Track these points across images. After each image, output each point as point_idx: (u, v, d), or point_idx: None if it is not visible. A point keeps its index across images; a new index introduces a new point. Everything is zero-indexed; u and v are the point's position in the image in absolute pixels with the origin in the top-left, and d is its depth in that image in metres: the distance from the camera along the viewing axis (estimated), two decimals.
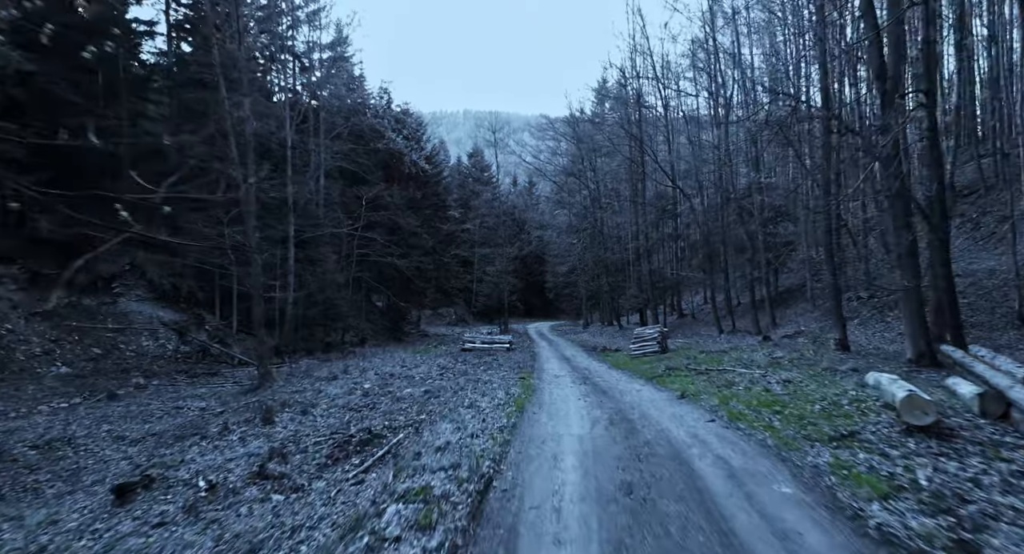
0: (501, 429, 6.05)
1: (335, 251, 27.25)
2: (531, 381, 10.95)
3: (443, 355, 18.99)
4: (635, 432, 5.83)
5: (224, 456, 7.71)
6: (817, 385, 8.49)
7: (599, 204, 29.64)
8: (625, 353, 19.53)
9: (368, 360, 17.67)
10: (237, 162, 14.07)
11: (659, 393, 8.90)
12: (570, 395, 8.90)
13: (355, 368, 14.33)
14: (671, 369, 12.03)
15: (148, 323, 22.61)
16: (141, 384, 17.83)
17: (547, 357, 18.81)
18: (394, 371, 13.28)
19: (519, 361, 16.60)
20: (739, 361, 12.65)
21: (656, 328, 18.59)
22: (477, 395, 9.13)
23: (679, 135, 26.63)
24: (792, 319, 20.97)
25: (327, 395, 10.70)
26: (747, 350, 15.24)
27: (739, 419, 6.23)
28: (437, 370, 13.34)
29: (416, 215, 32.53)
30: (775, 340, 17.30)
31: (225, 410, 11.11)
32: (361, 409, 9.22)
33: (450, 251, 37.58)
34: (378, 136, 30.23)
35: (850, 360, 12.14)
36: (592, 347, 23.43)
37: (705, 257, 21.79)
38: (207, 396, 13.82)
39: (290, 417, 9.09)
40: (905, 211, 10.90)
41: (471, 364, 15.09)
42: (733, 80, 18.96)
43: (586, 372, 13.11)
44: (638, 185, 24.69)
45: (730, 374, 10.47)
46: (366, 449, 7.24)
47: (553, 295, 48.74)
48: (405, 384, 11.06)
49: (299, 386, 12.37)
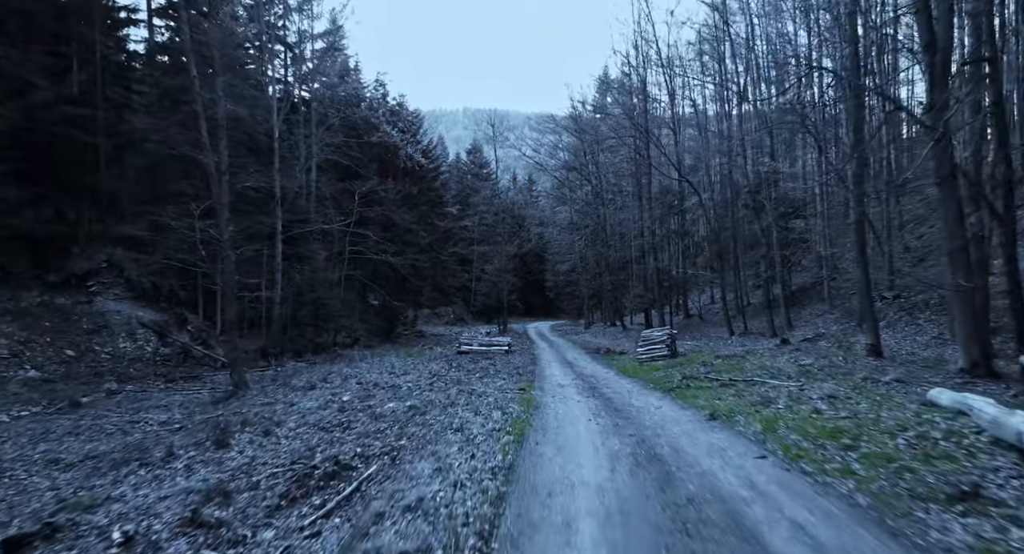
0: (495, 472, 4.59)
1: (326, 248, 25.79)
2: (532, 394, 9.50)
3: (437, 359, 17.54)
4: (671, 479, 4.38)
5: (159, 492, 6.24)
6: (871, 404, 7.04)
7: (602, 200, 28.18)
8: (631, 356, 18.09)
9: (355, 365, 16.23)
10: (208, 148, 12.62)
11: (683, 412, 7.45)
12: (578, 414, 7.45)
13: (337, 375, 12.89)
14: (689, 378, 10.59)
15: (126, 323, 21.17)
16: (113, 390, 16.38)
17: (548, 361, 17.38)
18: (379, 379, 11.83)
19: (518, 366, 15.17)
20: (763, 369, 11.20)
21: (665, 330, 17.16)
22: (469, 413, 7.69)
23: (686, 127, 25.22)
24: (808, 320, 19.52)
25: (299, 410, 9.25)
26: (767, 355, 13.79)
27: (800, 457, 4.79)
28: (427, 378, 11.90)
29: (412, 211, 31.07)
30: (794, 343, 15.86)
31: (184, 426, 9.68)
32: (333, 429, 7.78)
33: (447, 249, 36.11)
34: (372, 129, 28.75)
35: (889, 369, 10.70)
36: (595, 349, 21.99)
37: (715, 254, 20.35)
38: (175, 406, 12.37)
39: (249, 439, 7.64)
40: (957, 199, 9.48)
41: (466, 370, 13.65)
42: (746, 66, 17.57)
43: (592, 381, 11.67)
44: (643, 179, 23.25)
45: (760, 386, 9.02)
46: (331, 485, 5.79)
47: (553, 294, 47.31)
48: (389, 397, 9.62)
49: (272, 397, 10.92)
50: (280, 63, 29.09)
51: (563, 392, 9.86)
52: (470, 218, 40.45)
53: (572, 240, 34.93)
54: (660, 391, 9.64)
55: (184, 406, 12.34)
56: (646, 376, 12.10)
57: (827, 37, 15.66)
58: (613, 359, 17.83)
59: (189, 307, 22.22)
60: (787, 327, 18.75)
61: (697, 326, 24.58)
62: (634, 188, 25.41)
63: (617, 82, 29.53)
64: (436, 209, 34.16)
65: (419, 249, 30.67)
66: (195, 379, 17.95)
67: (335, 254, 25.92)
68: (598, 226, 28.47)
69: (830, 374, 10.24)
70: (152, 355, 20.03)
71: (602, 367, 15.22)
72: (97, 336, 19.96)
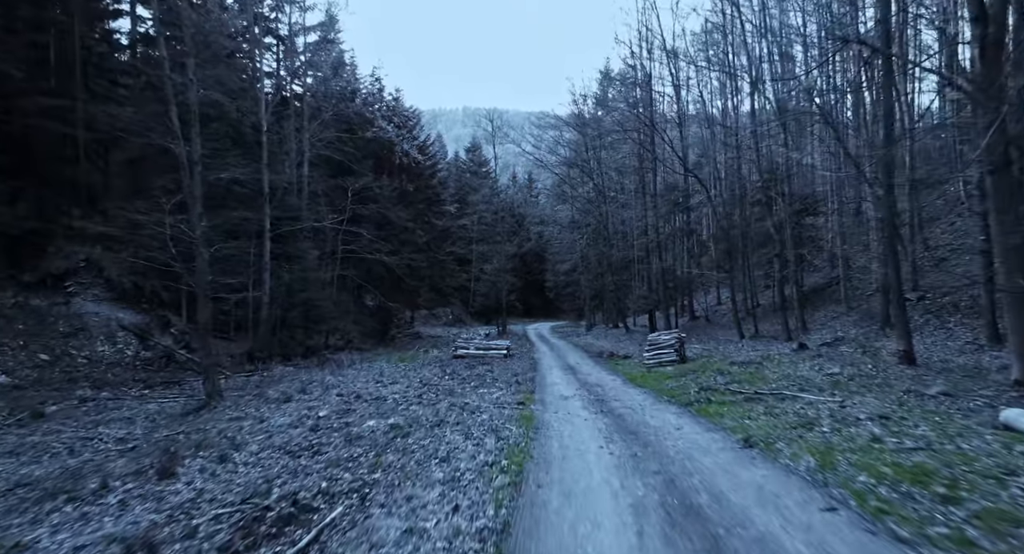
0: (483, 536, 3.41)
1: (318, 247, 24.61)
2: (532, 409, 8.33)
3: (430, 364, 16.37)
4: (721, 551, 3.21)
5: (77, 538, 5.08)
6: (933, 428, 5.87)
7: (604, 197, 27.03)
8: (637, 361, 16.93)
9: (342, 371, 15.06)
10: (179, 136, 11.44)
11: (710, 435, 6.28)
12: (587, 438, 6.28)
13: (319, 384, 11.70)
14: (707, 390, 9.42)
15: (105, 326, 19.98)
16: (86, 397, 15.20)
17: (549, 366, 16.22)
18: (364, 390, 10.65)
19: (517, 373, 14.00)
20: (788, 379, 10.03)
21: (673, 334, 16.00)
22: (459, 436, 6.52)
23: (691, 122, 24.06)
24: (823, 323, 18.35)
25: (268, 427, 8.08)
26: (786, 362, 12.62)
27: (884, 512, 3.62)
28: (416, 388, 10.72)
29: (408, 209, 29.90)
30: (813, 348, 14.69)
31: (138, 445, 8.52)
32: (301, 454, 6.61)
33: (445, 248, 34.95)
34: (367, 124, 27.58)
35: (928, 379, 9.54)
36: (598, 353, 20.82)
37: (723, 253, 19.19)
38: (140, 418, 11.22)
39: (201, 466, 6.47)
40: (1011, 191, 8.33)
41: (460, 378, 12.48)
42: (759, 54, 16.47)
43: (598, 391, 10.50)
44: (647, 175, 22.09)
45: (792, 402, 7.84)
46: (284, 533, 4.62)
47: (553, 294, 46.14)
48: (370, 412, 8.44)
49: (243, 410, 9.74)
50: (272, 57, 27.96)
51: (567, 406, 8.69)
52: (468, 217, 39.31)
53: (573, 239, 33.77)
54: (677, 405, 8.47)
55: (151, 418, 11.19)
56: (657, 385, 10.93)
57: (846, 19, 14.48)
58: (618, 364, 16.67)
59: (172, 308, 21.03)
60: (802, 330, 17.59)
61: (704, 328, 23.41)
62: (638, 185, 24.23)
63: (620, 75, 28.39)
64: (433, 207, 32.99)
65: (415, 248, 29.50)
66: (176, 385, 16.83)
67: (327, 253, 24.75)
68: (600, 224, 27.32)
69: (865, 386, 9.07)
70: (132, 359, 18.86)
71: (607, 374, 14.06)
72: (74, 339, 18.80)
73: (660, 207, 21.38)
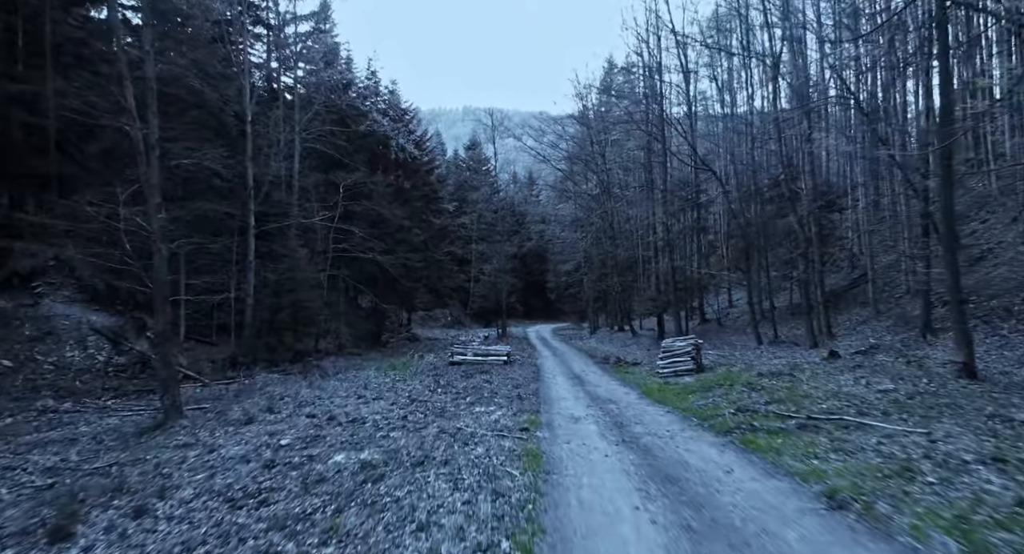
0: None
1: (308, 245, 23.06)
2: (538, 438, 6.77)
3: (423, 372, 14.81)
4: None
5: None
6: None
7: (609, 194, 25.47)
8: (648, 369, 15.39)
9: (324, 382, 13.50)
10: (135, 116, 9.89)
11: (774, 483, 4.73)
12: (613, 491, 4.71)
13: (291, 400, 10.13)
14: (744, 411, 7.86)
15: (75, 329, 18.43)
16: (47, 408, 13.67)
17: (553, 374, 14.67)
18: (342, 408, 9.09)
19: (519, 383, 12.45)
20: (836, 397, 8.48)
21: (689, 340, 14.45)
22: (445, 484, 4.96)
23: (703, 113, 22.54)
24: (850, 328, 16.79)
25: (214, 461, 6.52)
26: (821, 373, 11.07)
27: None
28: (403, 406, 9.16)
29: (405, 207, 28.35)
30: (846, 357, 13.13)
31: (59, 482, 6.96)
32: (242, 505, 5.05)
33: (443, 248, 33.39)
34: (361, 117, 26.04)
35: (1003, 398, 7.99)
36: (604, 358, 19.28)
37: (740, 252, 17.64)
38: (88, 438, 9.65)
39: (108, 524, 4.89)
40: None
41: (454, 392, 10.92)
42: (781, 36, 14.98)
43: (613, 409, 8.95)
44: (656, 169, 20.53)
45: (861, 432, 6.26)
46: None
47: (555, 296, 44.59)
48: (342, 441, 6.89)
49: (195, 434, 8.19)
50: (263, 47, 26.44)
51: (580, 432, 7.14)
52: (468, 215, 37.76)
53: (576, 238, 32.25)
54: (713, 433, 6.91)
55: (99, 438, 9.62)
56: (680, 402, 9.38)
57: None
58: (628, 373, 15.13)
59: (149, 311, 19.44)
60: (827, 335, 16.05)
61: (716, 333, 21.86)
62: (646, 180, 22.64)
63: (626, 66, 26.87)
64: (431, 205, 31.43)
65: (412, 247, 27.94)
66: (150, 394, 15.27)
67: (318, 252, 23.20)
68: (605, 223, 25.78)
69: (934, 408, 7.51)
70: (103, 365, 17.29)
71: (619, 385, 12.51)
72: (41, 343, 17.22)
73: (670, 203, 19.85)
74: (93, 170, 20.56)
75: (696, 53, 21.90)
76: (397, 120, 28.10)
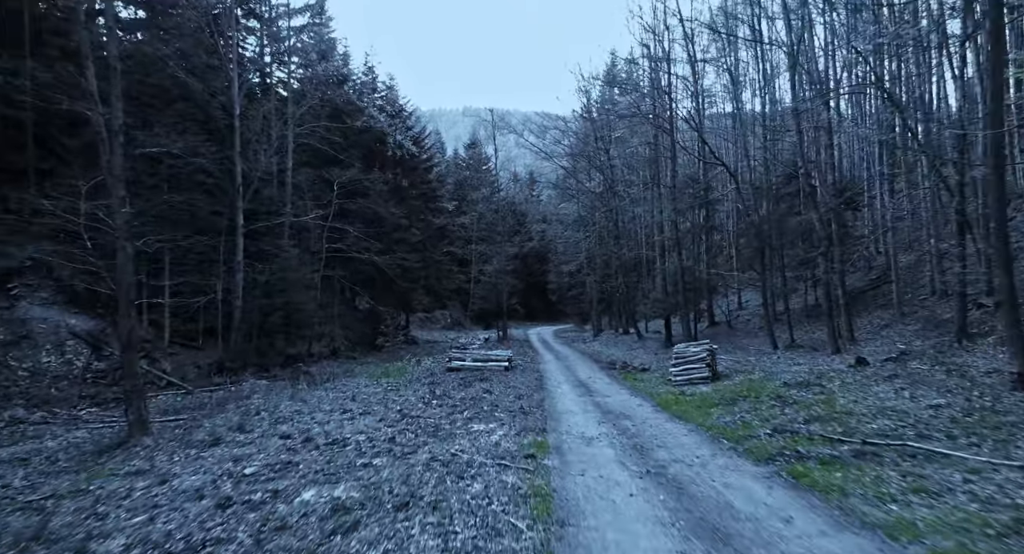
0: None
1: (300, 245, 22.01)
2: (546, 468, 5.70)
3: (418, 380, 13.73)
4: None
5: None
6: None
7: (613, 192, 24.38)
8: (658, 375, 14.32)
9: (312, 391, 12.42)
10: (96, 99, 8.84)
11: (861, 540, 3.63)
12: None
13: (267, 416, 9.04)
14: (783, 432, 6.78)
15: (53, 333, 17.37)
16: (17, 418, 12.66)
17: (558, 383, 13.59)
18: (322, 425, 8.01)
19: (521, 393, 11.39)
20: (882, 414, 7.41)
21: (703, 346, 13.37)
22: (433, 539, 3.89)
23: (712, 105, 21.50)
24: (873, 332, 15.71)
25: (162, 497, 5.45)
26: (852, 384, 10.00)
27: None
28: (391, 423, 8.09)
29: (402, 206, 27.31)
30: (875, 364, 12.05)
31: None
32: None
33: (442, 248, 32.33)
34: (357, 112, 25.00)
35: None
36: (610, 363, 18.20)
37: (755, 251, 16.58)
38: (41, 457, 8.63)
39: None
40: None
41: (450, 404, 9.85)
42: (799, 20, 13.84)
43: (629, 426, 7.88)
44: (665, 163, 19.49)
45: (935, 465, 5.18)
46: None
47: (556, 297, 43.52)
48: (316, 469, 5.83)
49: (153, 459, 7.11)
50: (256, 41, 25.41)
51: (595, 459, 6.06)
52: (468, 215, 36.68)
53: (579, 238, 31.19)
54: (751, 460, 5.83)
55: (56, 457, 8.59)
56: (702, 418, 8.31)
57: None
58: (637, 380, 14.05)
59: None
60: (848, 340, 14.97)
61: (727, 336, 20.78)
62: (652, 176, 21.56)
63: (631, 58, 25.83)
64: (430, 204, 30.37)
65: (410, 247, 26.90)
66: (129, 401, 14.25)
67: (311, 252, 22.16)
68: (609, 222, 24.70)
69: (999, 427, 6.44)
70: (82, 372, 16.23)
71: (630, 395, 11.43)
72: (15, 349, 16.16)
73: (679, 200, 18.79)
74: (74, 165, 19.51)
75: (703, 47, 20.87)
76: (394, 116, 27.07)
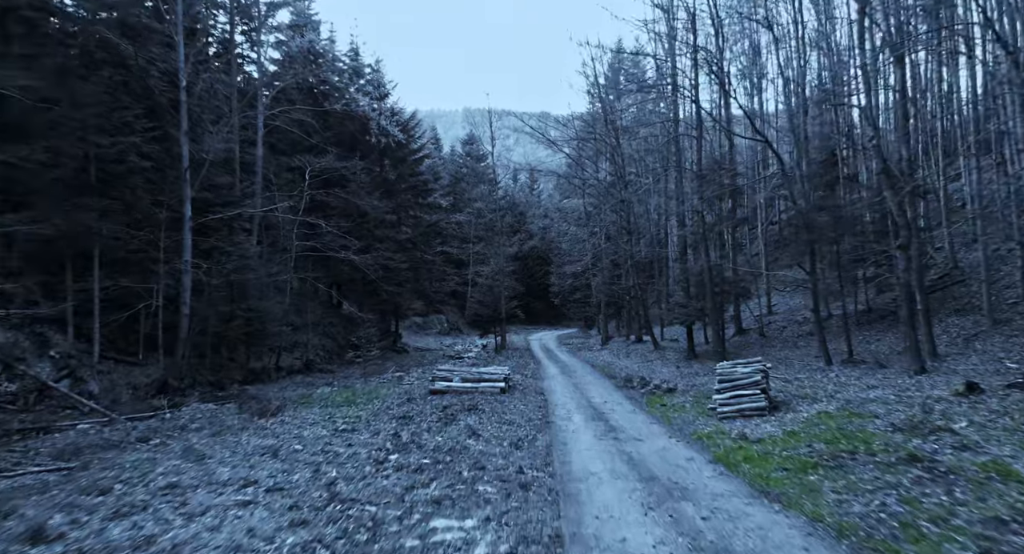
0: None
1: (265, 242, 18.79)
2: None
3: (389, 409, 10.46)
4: None
5: None
6: None
7: (625, 182, 21.06)
8: (691, 400, 11.07)
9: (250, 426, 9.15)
10: None
11: None
12: None
13: (118, 495, 5.76)
14: None
15: None
16: None
17: (568, 413, 10.30)
18: (183, 525, 4.74)
19: (519, 434, 8.13)
20: None
21: (755, 365, 10.08)
22: None
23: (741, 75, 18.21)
24: (959, 344, 12.41)
25: None
26: (993, 428, 6.73)
27: None
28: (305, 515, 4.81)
29: (390, 200, 24.10)
30: (992, 391, 8.76)
31: None
32: None
33: (435, 247, 29.07)
34: (337, 94, 21.81)
35: None
36: (626, 380, 14.91)
37: (804, 245, 13.33)
38: None
39: None
40: None
41: (413, 466, 6.55)
42: None
43: (701, 526, 4.63)
44: (689, 146, 16.29)
45: None
46: None
47: (559, 300, 40.26)
48: None
49: None
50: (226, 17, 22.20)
51: None
52: (464, 212, 33.45)
53: (584, 236, 27.96)
54: None
55: None
56: (809, 499, 5.04)
57: None
58: (668, 407, 10.79)
59: (55, 324, 15.14)
60: (930, 354, 11.67)
61: (760, 347, 17.50)
62: (670, 160, 18.32)
63: (646, 21, 22.60)
64: (420, 198, 27.13)
65: (398, 246, 23.65)
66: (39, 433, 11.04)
67: (282, 250, 18.93)
68: (620, 215, 21.43)
69: None
70: None
71: (668, 436, 8.16)
72: None
73: (705, 187, 15.57)
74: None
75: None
76: (381, 100, 23.87)
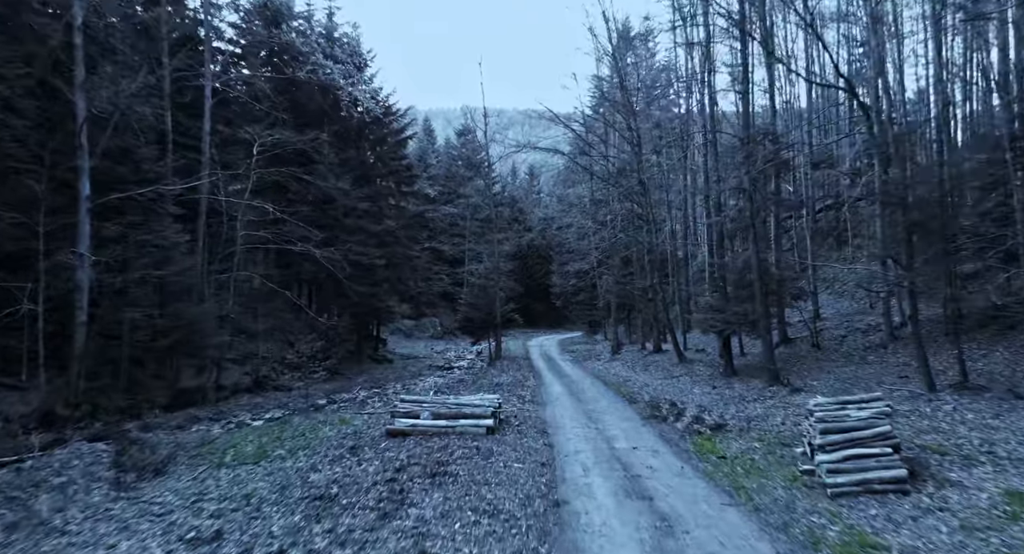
0: None
1: (210, 232, 15.09)
2: None
3: (321, 468, 6.75)
4: None
5: None
6: None
7: (639, 158, 17.25)
8: (761, 451, 7.29)
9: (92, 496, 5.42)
10: None
11: None
12: None
13: None
14: None
15: None
16: None
17: (587, 472, 6.50)
18: None
19: (507, 545, 4.39)
20: None
21: (875, 407, 6.39)
22: None
23: None
24: None
25: None
26: None
27: None
28: None
29: (367, 186, 20.40)
30: None
31: None
32: None
33: (421, 242, 25.33)
34: (301, 57, 18.12)
35: None
36: (652, 406, 11.15)
37: (903, 231, 9.62)
38: None
39: None
40: None
41: None
42: None
43: None
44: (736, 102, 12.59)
45: None
46: None
47: (561, 302, 36.55)
48: None
49: None
50: None
51: None
52: (456, 205, 29.74)
53: (591, 228, 24.28)
54: None
55: None
56: None
57: None
58: (725, 459, 7.08)
59: None
60: None
61: (815, 362, 13.74)
62: (700, 128, 14.61)
63: None
64: (403, 185, 23.40)
65: (375, 240, 19.91)
66: None
67: (220, 241, 15.20)
68: (635, 203, 17.74)
69: None
70: None
71: (757, 535, 4.41)
72: None
73: (751, 162, 11.89)
74: None
75: None
76: (359, 69, 20.17)
